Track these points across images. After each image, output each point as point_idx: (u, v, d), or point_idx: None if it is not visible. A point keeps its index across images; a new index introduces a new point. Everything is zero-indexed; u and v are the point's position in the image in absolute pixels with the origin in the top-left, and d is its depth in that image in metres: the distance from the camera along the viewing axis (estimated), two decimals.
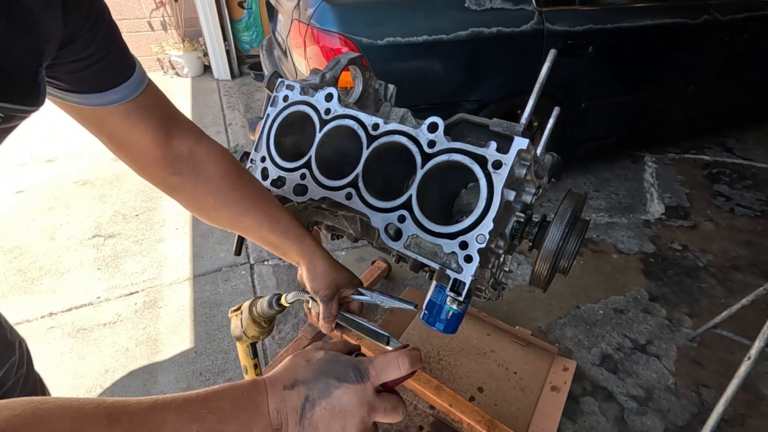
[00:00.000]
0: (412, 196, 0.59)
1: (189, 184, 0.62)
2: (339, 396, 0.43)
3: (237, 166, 0.65)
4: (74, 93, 0.51)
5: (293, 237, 0.66)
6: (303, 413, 0.42)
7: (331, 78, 0.80)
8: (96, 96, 0.52)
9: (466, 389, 1.55)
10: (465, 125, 0.76)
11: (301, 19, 1.97)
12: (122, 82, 0.53)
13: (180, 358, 1.72)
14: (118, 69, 0.53)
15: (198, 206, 0.64)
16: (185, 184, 0.62)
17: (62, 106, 0.54)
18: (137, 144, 0.57)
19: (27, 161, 3.00)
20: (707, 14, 2.45)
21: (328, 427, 0.42)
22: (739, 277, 2.16)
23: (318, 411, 0.42)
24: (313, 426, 0.42)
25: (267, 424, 0.40)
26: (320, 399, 0.42)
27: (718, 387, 1.64)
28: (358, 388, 0.44)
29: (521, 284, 2.09)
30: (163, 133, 0.58)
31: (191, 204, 0.64)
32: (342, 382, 0.44)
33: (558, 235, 0.65)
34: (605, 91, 2.49)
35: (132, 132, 0.56)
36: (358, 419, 0.43)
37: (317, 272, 0.66)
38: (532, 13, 2.02)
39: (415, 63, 1.94)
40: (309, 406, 0.42)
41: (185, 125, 0.62)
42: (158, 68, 4.57)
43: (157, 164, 0.60)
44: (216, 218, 0.66)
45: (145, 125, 0.56)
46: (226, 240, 2.33)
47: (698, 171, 3.06)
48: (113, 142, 0.57)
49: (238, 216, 0.64)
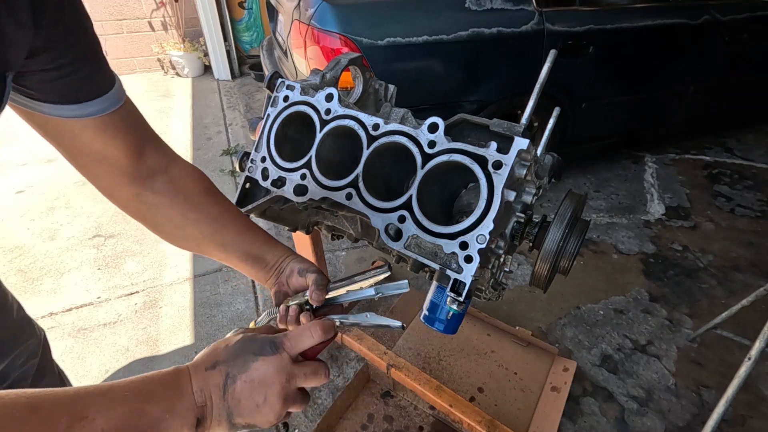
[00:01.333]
0: (413, 197, 0.59)
1: (166, 200, 0.60)
2: (257, 368, 0.46)
3: (213, 184, 0.65)
4: (46, 103, 0.49)
5: (274, 242, 0.67)
6: (225, 389, 0.45)
7: (331, 78, 0.80)
8: (71, 107, 0.50)
9: (466, 389, 1.55)
10: (465, 125, 0.76)
11: (302, 20, 1.97)
12: (101, 95, 0.51)
13: (180, 359, 1.72)
14: (97, 82, 0.51)
15: (177, 224, 0.62)
16: (162, 200, 0.60)
17: (25, 116, 0.52)
18: (111, 159, 0.55)
19: (27, 161, 3.00)
20: (707, 15, 2.45)
21: (251, 398, 0.45)
22: (740, 277, 2.16)
23: (239, 385, 0.45)
24: (237, 399, 0.45)
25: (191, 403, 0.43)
26: (240, 374, 0.46)
27: (718, 387, 1.64)
28: (275, 359, 0.47)
29: (521, 284, 2.09)
30: (138, 149, 0.57)
31: (168, 220, 0.62)
32: (258, 356, 0.47)
33: (558, 236, 0.65)
34: (605, 92, 2.49)
35: (107, 146, 0.54)
36: (278, 387, 0.46)
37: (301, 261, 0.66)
38: (533, 13, 2.02)
39: (415, 63, 1.94)
40: (230, 381, 0.45)
41: (161, 145, 0.61)
42: (159, 68, 4.57)
43: (130, 181, 0.58)
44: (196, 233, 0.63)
45: (122, 140, 0.55)
46: None
47: (698, 171, 3.06)
48: (83, 156, 0.55)
49: (220, 229, 0.63)
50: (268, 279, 0.67)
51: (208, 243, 0.64)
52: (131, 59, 4.41)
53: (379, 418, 1.51)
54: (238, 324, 1.85)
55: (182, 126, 3.53)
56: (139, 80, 4.35)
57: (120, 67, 4.39)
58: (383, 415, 1.52)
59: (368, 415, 1.52)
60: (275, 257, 0.66)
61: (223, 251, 0.65)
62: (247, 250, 0.65)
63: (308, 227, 0.92)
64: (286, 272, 0.66)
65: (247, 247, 0.65)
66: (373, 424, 1.49)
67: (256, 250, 0.65)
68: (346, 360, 1.73)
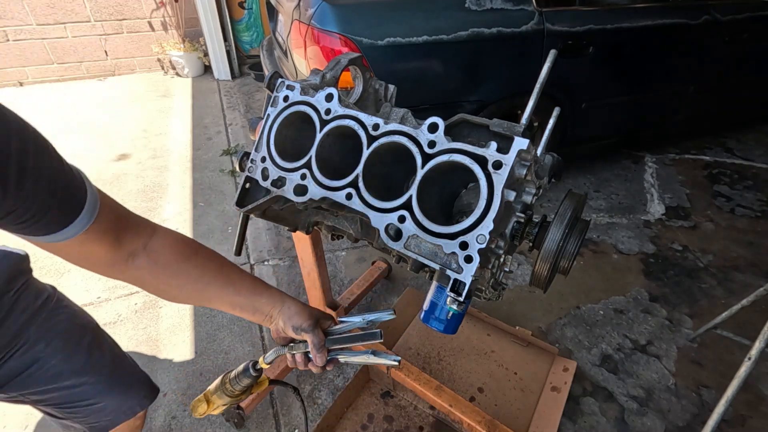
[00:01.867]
0: (413, 197, 0.59)
1: (148, 274, 0.65)
2: None
3: (192, 245, 0.70)
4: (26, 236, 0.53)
5: (260, 291, 0.72)
6: None
7: (331, 78, 0.80)
8: (50, 237, 0.54)
9: (466, 389, 1.55)
10: (465, 125, 0.76)
11: (302, 20, 1.97)
12: (73, 220, 0.54)
13: (180, 358, 1.72)
14: (67, 210, 0.54)
15: (163, 290, 0.68)
16: (145, 274, 0.65)
17: None
18: (94, 258, 0.61)
19: None
20: (707, 15, 2.45)
21: None
22: (740, 277, 2.16)
23: None
24: None
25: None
26: None
27: (718, 387, 1.64)
28: None
29: (521, 284, 2.09)
30: (118, 241, 0.61)
31: (156, 289, 0.68)
32: None
33: (558, 236, 0.65)
34: (605, 92, 2.49)
35: (90, 250, 0.59)
36: None
37: (293, 311, 0.72)
38: (533, 13, 2.02)
39: (415, 63, 1.94)
40: None
41: (137, 224, 0.65)
42: (159, 68, 4.57)
43: (114, 266, 0.63)
44: (183, 296, 0.70)
45: (100, 245, 0.59)
46: (226, 240, 2.33)
47: (698, 171, 3.06)
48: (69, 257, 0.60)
49: (204, 289, 0.69)
50: (264, 324, 0.74)
51: (196, 299, 0.72)
52: (131, 59, 4.41)
53: (379, 418, 1.51)
54: (237, 324, 1.85)
55: (182, 126, 3.53)
56: (139, 80, 4.35)
57: (120, 67, 4.40)
58: (383, 415, 1.52)
59: (368, 415, 1.52)
60: (265, 306, 0.72)
61: (212, 304, 0.71)
62: (232, 302, 0.71)
63: (308, 227, 0.92)
64: (279, 323, 0.72)
65: (233, 300, 0.71)
66: (373, 424, 1.49)
67: (242, 301, 0.71)
68: None
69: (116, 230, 0.61)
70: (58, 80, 4.23)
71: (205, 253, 0.71)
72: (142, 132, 3.41)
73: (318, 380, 1.65)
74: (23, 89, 4.08)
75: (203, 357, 1.72)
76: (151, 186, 2.77)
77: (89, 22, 4.08)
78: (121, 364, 0.99)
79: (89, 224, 0.56)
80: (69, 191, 0.54)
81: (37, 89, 4.09)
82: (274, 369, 1.54)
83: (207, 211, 2.56)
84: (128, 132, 3.40)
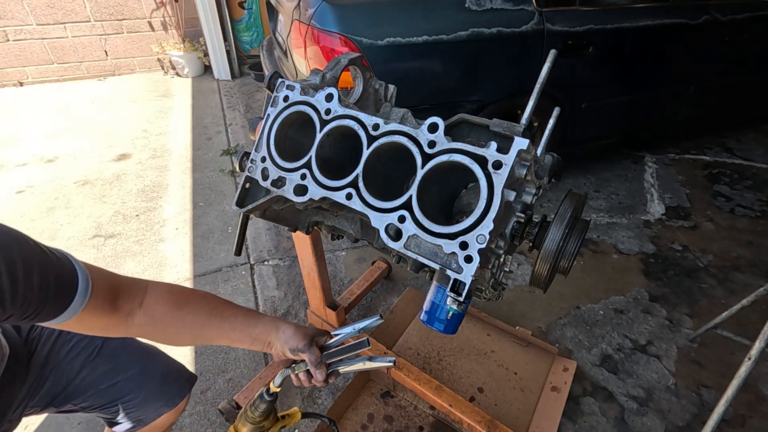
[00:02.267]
0: (412, 197, 0.59)
1: (148, 328, 0.71)
2: None
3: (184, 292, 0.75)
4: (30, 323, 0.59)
5: (254, 322, 0.77)
6: None
7: (331, 78, 0.80)
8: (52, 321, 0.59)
9: (466, 389, 1.55)
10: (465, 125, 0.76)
11: (302, 20, 1.97)
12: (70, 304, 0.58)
13: (180, 359, 1.71)
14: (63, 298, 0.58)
15: (163, 337, 0.74)
16: (144, 328, 0.71)
17: None
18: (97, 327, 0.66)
19: (27, 161, 3.00)
20: (707, 15, 2.45)
21: None
22: (740, 277, 2.16)
23: None
24: None
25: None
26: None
27: (718, 387, 1.64)
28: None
29: (521, 284, 2.09)
30: (114, 309, 0.66)
31: (158, 337, 0.74)
32: None
33: (558, 236, 0.65)
34: (605, 92, 2.49)
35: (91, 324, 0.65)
36: None
37: (289, 334, 0.76)
38: (533, 13, 2.02)
39: (415, 63, 1.94)
40: None
41: (129, 288, 0.69)
42: (159, 68, 4.57)
43: (115, 329, 0.68)
44: (183, 340, 0.77)
45: (99, 316, 0.64)
46: (226, 240, 2.33)
47: (698, 171, 3.06)
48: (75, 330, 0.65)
49: (201, 331, 0.74)
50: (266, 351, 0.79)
51: (197, 341, 0.78)
52: (131, 59, 4.41)
53: (379, 418, 1.51)
54: None
55: (182, 126, 3.53)
56: (139, 80, 4.34)
57: (120, 67, 4.40)
58: (383, 415, 1.52)
59: (368, 415, 1.52)
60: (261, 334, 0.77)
61: (213, 342, 0.77)
62: (230, 337, 0.76)
63: (308, 227, 0.92)
64: (278, 347, 0.77)
65: (230, 335, 0.76)
66: (373, 424, 1.49)
67: (239, 335, 0.76)
68: None
69: (112, 299, 0.65)
70: (58, 80, 4.23)
71: (197, 298, 0.76)
72: (142, 132, 3.41)
73: None
74: (23, 89, 4.08)
75: (203, 357, 1.72)
76: (151, 186, 2.77)
77: (89, 22, 4.08)
78: (152, 357, 1.03)
79: (85, 302, 0.60)
80: (60, 281, 0.57)
81: (37, 89, 4.09)
82: None
83: (207, 211, 2.56)
84: (128, 132, 3.40)
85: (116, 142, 3.26)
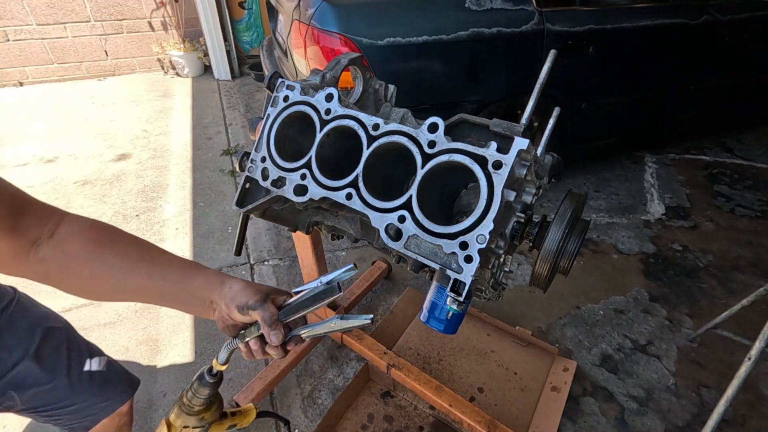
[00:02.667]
0: (412, 197, 0.59)
1: (55, 265, 0.56)
2: None
3: (109, 230, 0.60)
4: None
5: (193, 273, 0.61)
6: None
7: (331, 78, 0.80)
8: None
9: (466, 389, 1.55)
10: (465, 125, 0.76)
11: (302, 20, 1.97)
12: None
13: (180, 358, 1.72)
14: None
15: (75, 282, 0.58)
16: (51, 267, 0.56)
17: None
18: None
19: (27, 161, 3.00)
20: (707, 15, 2.45)
21: None
22: (740, 277, 2.16)
23: None
24: None
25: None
26: None
27: (718, 387, 1.64)
28: None
29: (521, 284, 2.09)
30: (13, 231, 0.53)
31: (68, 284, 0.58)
32: None
33: (558, 236, 0.65)
34: (605, 92, 2.49)
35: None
36: None
37: (236, 290, 0.60)
38: (533, 13, 2.02)
39: (415, 63, 1.94)
40: None
41: (40, 210, 0.56)
42: (159, 68, 4.57)
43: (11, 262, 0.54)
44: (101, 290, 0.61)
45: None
46: (226, 240, 2.33)
47: (698, 171, 3.06)
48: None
49: (124, 277, 0.59)
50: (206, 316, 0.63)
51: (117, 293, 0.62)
52: (131, 59, 4.41)
53: (379, 418, 1.51)
54: None
55: (182, 126, 3.53)
56: (139, 80, 4.34)
57: (120, 67, 4.40)
58: (383, 415, 1.52)
59: (368, 415, 1.52)
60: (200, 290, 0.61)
61: (137, 297, 0.61)
62: (162, 292, 0.61)
63: (308, 227, 0.92)
64: (222, 308, 0.61)
65: (162, 289, 0.61)
66: (373, 424, 1.49)
67: (172, 289, 0.61)
68: (346, 360, 1.73)
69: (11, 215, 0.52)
70: (58, 80, 4.23)
71: (126, 238, 0.61)
72: (142, 132, 3.41)
73: (318, 380, 1.65)
74: (23, 89, 4.08)
75: (203, 357, 1.72)
76: (151, 186, 2.77)
77: (89, 22, 4.08)
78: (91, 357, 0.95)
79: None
80: None
81: (37, 89, 4.09)
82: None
83: (207, 211, 2.56)
84: (128, 132, 3.40)
85: (116, 142, 3.26)
